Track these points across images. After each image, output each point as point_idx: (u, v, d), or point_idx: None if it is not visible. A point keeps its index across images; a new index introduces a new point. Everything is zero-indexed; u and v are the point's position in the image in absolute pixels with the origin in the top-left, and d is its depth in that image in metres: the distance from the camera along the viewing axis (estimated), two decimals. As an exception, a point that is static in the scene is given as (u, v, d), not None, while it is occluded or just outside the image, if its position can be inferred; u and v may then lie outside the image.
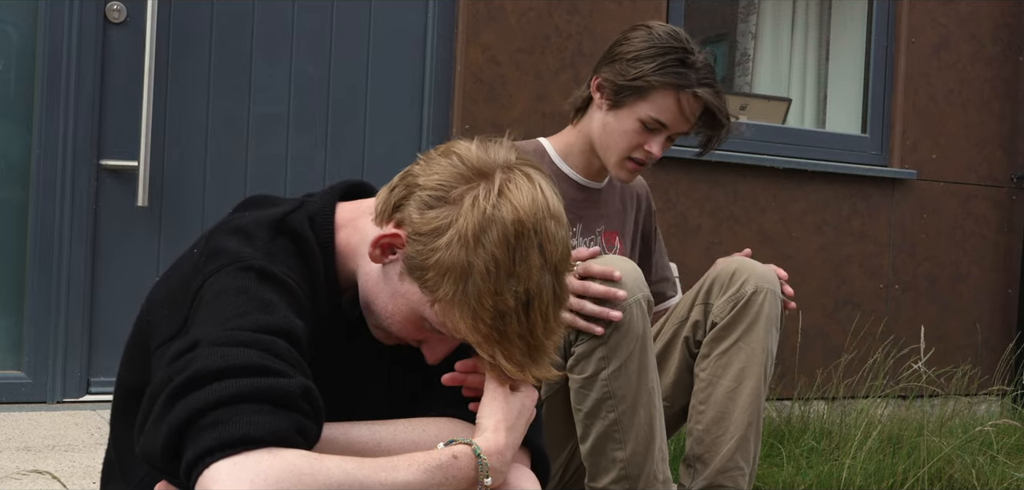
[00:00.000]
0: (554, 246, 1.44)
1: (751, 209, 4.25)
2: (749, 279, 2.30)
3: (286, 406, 1.28)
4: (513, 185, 1.43)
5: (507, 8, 3.76)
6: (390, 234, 1.46)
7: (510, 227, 1.40)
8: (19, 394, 3.23)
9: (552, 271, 1.44)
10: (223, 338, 1.31)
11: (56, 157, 3.24)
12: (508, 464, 1.47)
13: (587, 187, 2.48)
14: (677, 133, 2.37)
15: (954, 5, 4.66)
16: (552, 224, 1.44)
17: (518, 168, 1.47)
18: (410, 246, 1.44)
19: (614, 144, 2.36)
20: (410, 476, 1.33)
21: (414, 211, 1.44)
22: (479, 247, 1.40)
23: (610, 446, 2.18)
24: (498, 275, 1.40)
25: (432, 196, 1.43)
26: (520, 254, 1.41)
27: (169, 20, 3.38)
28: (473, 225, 1.40)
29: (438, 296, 1.43)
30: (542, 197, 1.44)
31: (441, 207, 1.43)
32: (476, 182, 1.43)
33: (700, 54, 2.34)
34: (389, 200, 1.49)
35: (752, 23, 4.82)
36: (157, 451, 1.26)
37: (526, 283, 1.41)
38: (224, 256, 1.45)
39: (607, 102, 2.37)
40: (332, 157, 3.62)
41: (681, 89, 2.30)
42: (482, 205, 1.41)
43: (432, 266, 1.42)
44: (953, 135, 4.68)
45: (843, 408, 3.80)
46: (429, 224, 1.42)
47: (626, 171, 2.38)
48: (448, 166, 1.45)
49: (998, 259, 4.81)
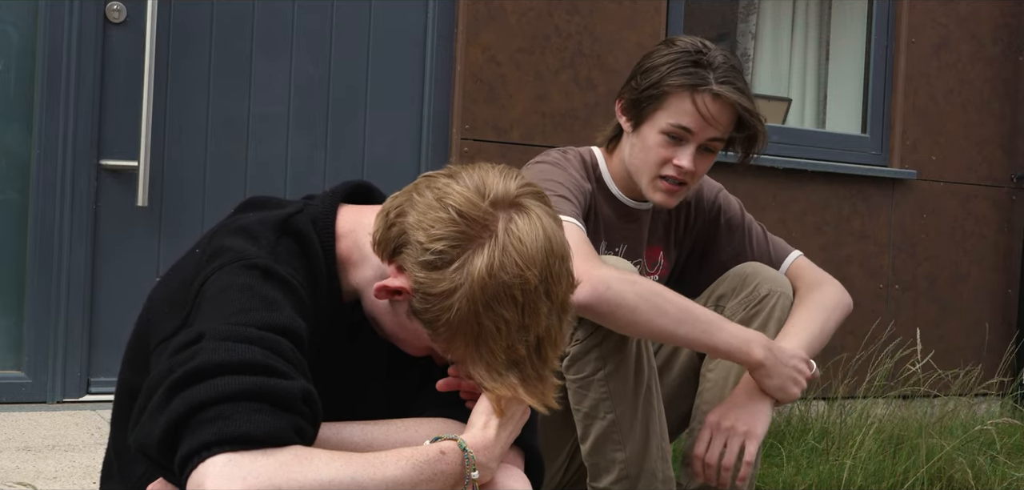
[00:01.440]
0: (559, 286, 1.45)
1: (751, 209, 4.21)
2: (763, 283, 2.30)
3: (286, 408, 1.28)
4: (514, 237, 1.41)
5: (507, 8, 3.76)
6: (395, 286, 1.45)
7: (517, 288, 1.40)
8: (19, 394, 3.23)
9: (558, 308, 1.45)
10: (228, 333, 1.31)
11: (56, 157, 3.24)
12: (496, 459, 1.47)
13: (633, 208, 2.39)
14: (707, 141, 2.22)
15: (954, 5, 4.66)
16: (556, 264, 1.44)
17: (517, 205, 1.44)
18: (417, 301, 1.44)
19: (641, 163, 2.26)
20: (398, 471, 1.34)
21: (416, 267, 1.43)
22: (488, 310, 1.40)
23: (609, 446, 2.18)
24: (509, 331, 1.41)
25: (434, 256, 1.41)
26: (529, 308, 1.41)
27: (169, 20, 3.38)
28: (480, 290, 1.40)
29: (450, 348, 1.46)
30: (544, 237, 1.43)
31: (445, 269, 1.41)
32: (477, 239, 1.41)
33: (720, 55, 2.22)
34: (387, 238, 1.47)
35: (752, 23, 4.82)
36: (154, 441, 1.26)
37: (536, 331, 1.43)
38: (228, 254, 1.45)
39: (631, 123, 2.28)
40: (332, 157, 3.62)
41: (696, 89, 2.18)
42: (486, 268, 1.40)
43: (442, 325, 1.43)
44: (953, 135, 4.68)
45: (843, 408, 3.80)
46: (436, 286, 1.41)
47: (661, 193, 2.26)
48: (447, 222, 1.42)
49: (998, 259, 4.81)
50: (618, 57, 3.92)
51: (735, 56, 2.25)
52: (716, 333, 2.09)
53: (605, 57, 3.92)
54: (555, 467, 2.41)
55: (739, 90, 2.20)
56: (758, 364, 2.12)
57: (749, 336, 2.12)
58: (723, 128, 2.22)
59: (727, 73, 2.20)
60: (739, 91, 2.20)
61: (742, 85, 2.22)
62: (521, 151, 3.73)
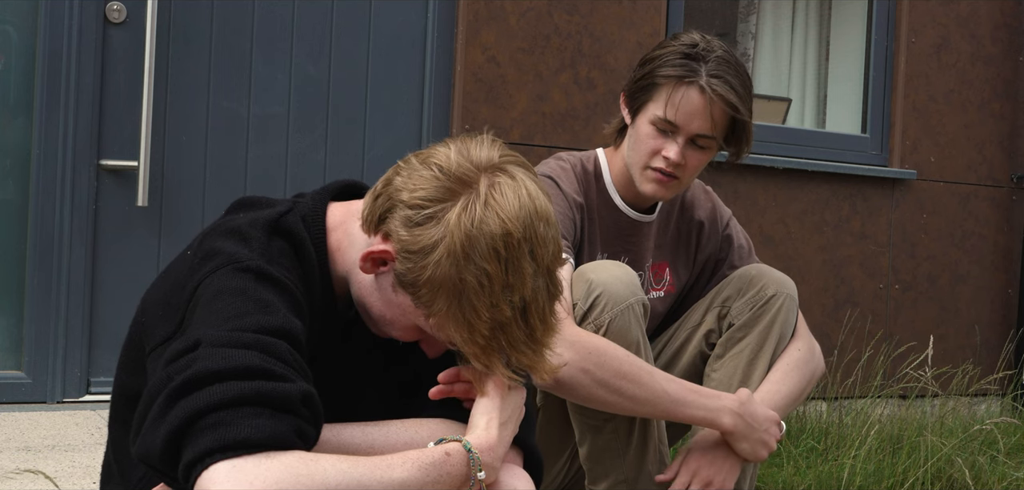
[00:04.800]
0: (545, 249, 1.43)
1: (751, 209, 4.25)
2: (768, 284, 2.29)
3: (286, 410, 1.28)
4: (498, 192, 1.41)
5: (507, 8, 3.76)
6: (379, 250, 1.45)
7: (499, 239, 1.39)
8: (19, 394, 3.23)
9: (545, 273, 1.44)
10: (224, 339, 1.31)
11: (56, 157, 3.24)
12: (500, 460, 1.47)
13: (636, 220, 2.37)
14: (696, 136, 2.19)
15: (954, 5, 4.66)
16: (541, 226, 1.43)
17: (501, 169, 1.44)
18: (400, 263, 1.44)
19: (634, 152, 2.25)
20: (404, 474, 1.34)
21: (400, 227, 1.43)
22: (469, 262, 1.39)
23: (607, 454, 2.19)
24: (492, 288, 1.40)
25: (417, 212, 1.42)
26: (512, 264, 1.40)
27: (169, 20, 3.38)
28: (461, 241, 1.39)
29: (433, 311, 1.43)
30: (528, 199, 1.43)
31: (427, 225, 1.41)
32: (460, 193, 1.41)
33: (719, 49, 2.18)
34: (374, 209, 1.47)
35: (752, 23, 4.82)
36: (156, 451, 1.26)
37: (521, 291, 1.41)
38: (220, 257, 1.45)
39: (629, 114, 2.28)
40: (332, 157, 3.62)
41: (682, 82, 2.16)
42: (468, 219, 1.39)
43: (424, 283, 1.42)
44: (953, 135, 4.68)
45: (843, 408, 3.80)
46: (417, 242, 1.41)
47: (650, 183, 2.24)
48: (430, 179, 1.43)
49: (998, 259, 4.81)
50: (618, 57, 3.92)
51: (728, 48, 2.22)
52: (682, 409, 2.10)
53: (605, 57, 3.92)
54: (556, 470, 2.40)
55: (729, 86, 2.16)
56: (728, 432, 2.15)
57: (718, 405, 2.13)
58: (711, 124, 2.18)
59: (719, 68, 2.16)
60: (729, 87, 2.16)
61: (734, 82, 2.18)
62: (521, 151, 3.70)
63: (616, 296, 2.08)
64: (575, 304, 2.10)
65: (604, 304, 2.08)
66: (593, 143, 2.44)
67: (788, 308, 2.28)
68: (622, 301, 2.08)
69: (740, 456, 2.18)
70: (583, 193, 2.30)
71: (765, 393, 2.22)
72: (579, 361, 2.01)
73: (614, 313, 2.07)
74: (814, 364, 2.34)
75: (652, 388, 2.06)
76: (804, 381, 2.29)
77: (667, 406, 2.08)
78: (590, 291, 2.09)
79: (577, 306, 2.09)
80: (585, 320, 2.09)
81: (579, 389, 2.03)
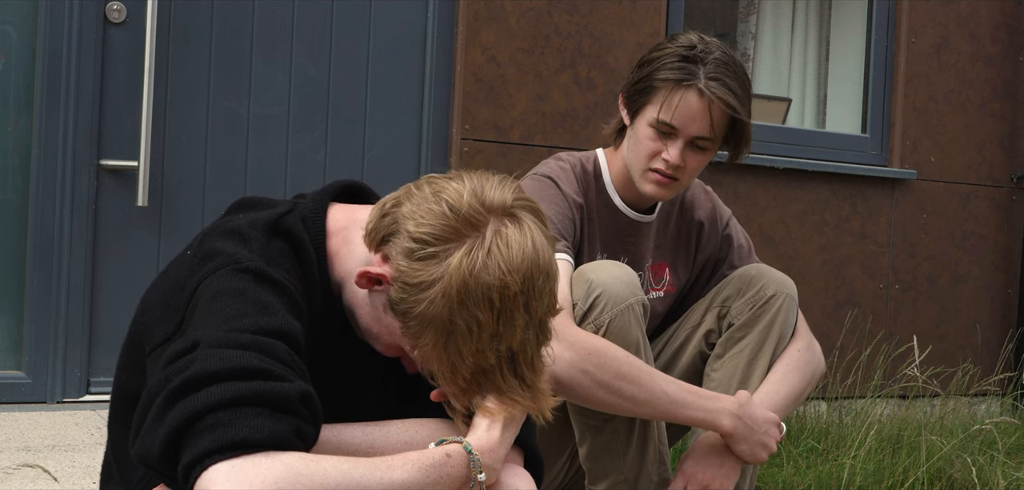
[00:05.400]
0: (540, 301, 1.43)
1: (751, 209, 4.25)
2: (768, 284, 2.29)
3: (285, 410, 1.28)
4: (502, 240, 1.40)
5: (507, 8, 3.76)
6: (376, 272, 1.45)
7: (495, 290, 1.39)
8: (19, 394, 3.23)
9: (536, 325, 1.43)
10: (222, 340, 1.31)
11: (56, 157, 3.24)
12: (501, 461, 1.47)
13: (635, 220, 2.37)
14: (695, 137, 2.19)
15: (954, 5, 4.66)
16: (540, 279, 1.42)
17: (511, 214, 1.43)
18: (395, 290, 1.43)
19: (633, 154, 2.25)
20: (405, 475, 1.34)
21: (401, 256, 1.42)
22: (463, 308, 1.38)
23: (607, 455, 2.19)
24: (480, 335, 1.39)
25: (421, 248, 1.41)
26: (504, 316, 1.40)
27: (169, 20, 3.38)
28: (458, 286, 1.38)
29: (419, 343, 1.43)
30: (532, 250, 1.42)
31: (428, 262, 1.40)
32: (465, 237, 1.40)
33: (717, 51, 2.18)
34: (379, 227, 1.47)
35: (752, 23, 4.82)
36: (155, 452, 1.26)
37: (509, 342, 1.41)
38: (220, 258, 1.45)
39: (628, 116, 2.28)
40: (332, 157, 3.62)
41: (680, 84, 2.15)
42: (468, 266, 1.38)
43: (416, 316, 1.42)
44: (953, 135, 4.68)
45: (842, 408, 3.80)
46: (415, 276, 1.41)
47: (651, 184, 2.24)
48: (438, 215, 1.41)
49: (998, 259, 4.81)
50: (618, 57, 3.93)
51: (727, 49, 2.21)
52: (682, 410, 2.10)
53: (605, 57, 3.92)
54: (556, 470, 2.41)
55: (728, 88, 2.16)
56: (727, 434, 2.14)
57: (717, 407, 2.13)
58: (710, 126, 2.18)
59: (717, 70, 2.16)
60: (728, 89, 2.15)
61: (733, 84, 2.17)
62: (521, 151, 3.73)
63: (616, 296, 2.08)
64: (575, 304, 2.10)
65: (604, 304, 2.08)
66: (593, 143, 2.43)
67: (788, 308, 2.28)
68: (622, 301, 2.08)
69: (739, 458, 2.18)
70: (583, 193, 2.30)
71: (765, 393, 2.22)
72: (579, 362, 2.01)
73: (614, 313, 2.07)
74: (814, 364, 2.33)
75: (651, 389, 2.06)
76: (804, 381, 2.29)
77: (666, 407, 2.08)
78: (590, 291, 2.09)
79: (577, 306, 2.10)
80: (585, 320, 2.09)
81: (579, 389, 2.03)
